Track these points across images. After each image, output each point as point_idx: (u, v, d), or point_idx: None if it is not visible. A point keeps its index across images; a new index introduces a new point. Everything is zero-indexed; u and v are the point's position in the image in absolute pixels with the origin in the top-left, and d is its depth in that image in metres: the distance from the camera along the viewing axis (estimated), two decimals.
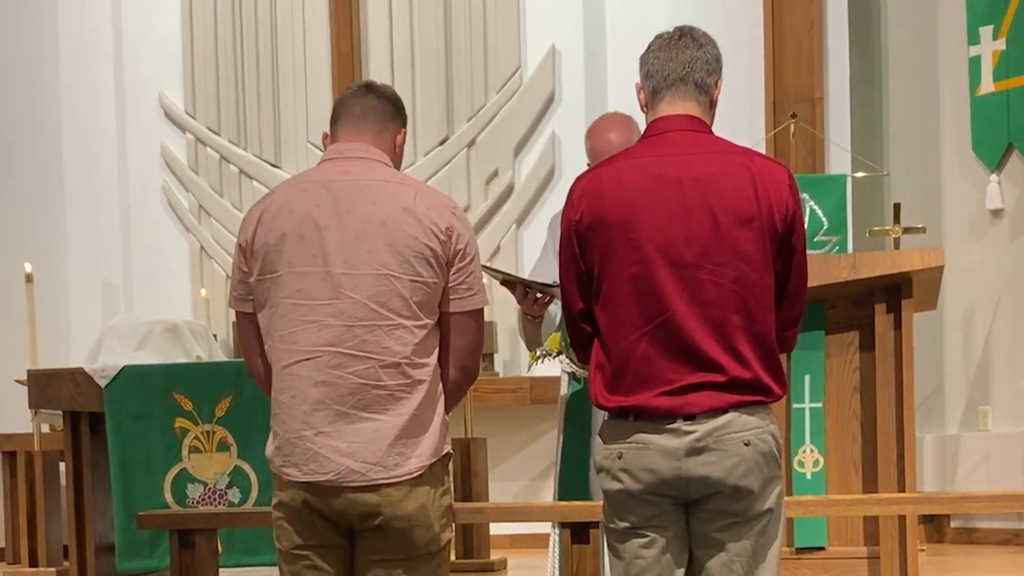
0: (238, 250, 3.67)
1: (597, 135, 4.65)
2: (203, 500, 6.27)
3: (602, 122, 4.74)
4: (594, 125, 4.72)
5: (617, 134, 4.62)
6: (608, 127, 4.67)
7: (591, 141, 4.67)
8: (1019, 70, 8.77)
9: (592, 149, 4.64)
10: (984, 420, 8.96)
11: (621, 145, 4.57)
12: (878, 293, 5.95)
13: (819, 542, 5.93)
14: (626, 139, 4.60)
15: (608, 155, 4.53)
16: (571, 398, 4.80)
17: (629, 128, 4.67)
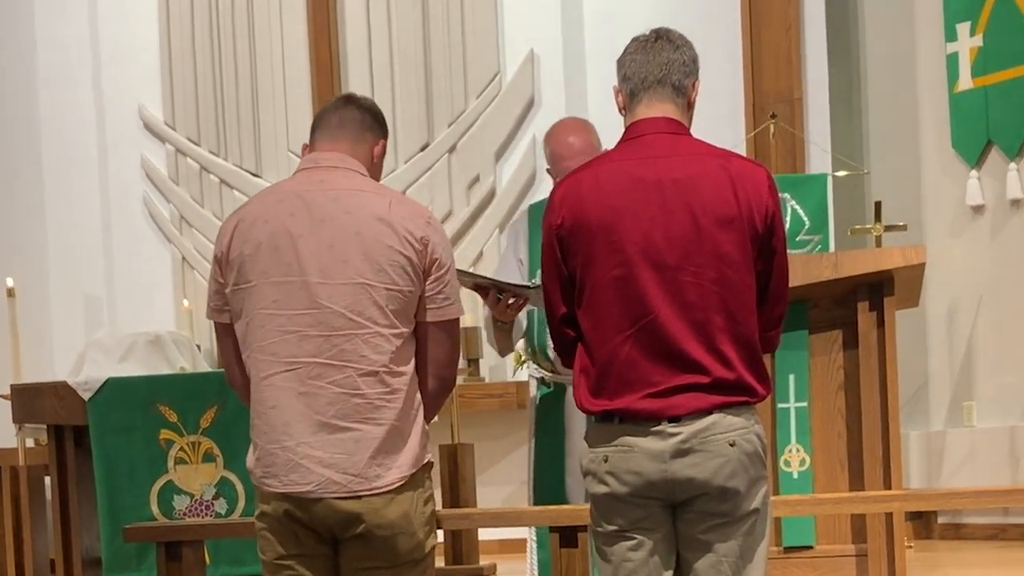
0: (214, 261, 3.67)
1: (557, 139, 4.66)
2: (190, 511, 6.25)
3: (561, 126, 4.75)
4: (553, 129, 4.74)
5: (576, 137, 4.63)
6: (567, 131, 4.68)
7: (551, 145, 4.68)
8: (997, 66, 8.80)
9: (552, 153, 4.65)
10: (969, 416, 8.98)
11: (581, 148, 4.59)
12: (861, 291, 5.97)
13: (807, 541, 5.93)
14: (586, 141, 4.62)
15: (569, 158, 4.57)
16: (540, 403, 4.81)
17: (588, 131, 4.69)
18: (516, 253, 4.76)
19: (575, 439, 4.70)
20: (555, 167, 4.67)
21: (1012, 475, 8.56)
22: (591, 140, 4.67)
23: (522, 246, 4.78)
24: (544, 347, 4.72)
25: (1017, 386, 8.70)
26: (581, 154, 4.60)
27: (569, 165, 4.59)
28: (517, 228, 4.84)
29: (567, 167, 4.59)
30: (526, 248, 4.77)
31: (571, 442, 4.72)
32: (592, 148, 4.64)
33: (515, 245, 4.79)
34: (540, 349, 4.75)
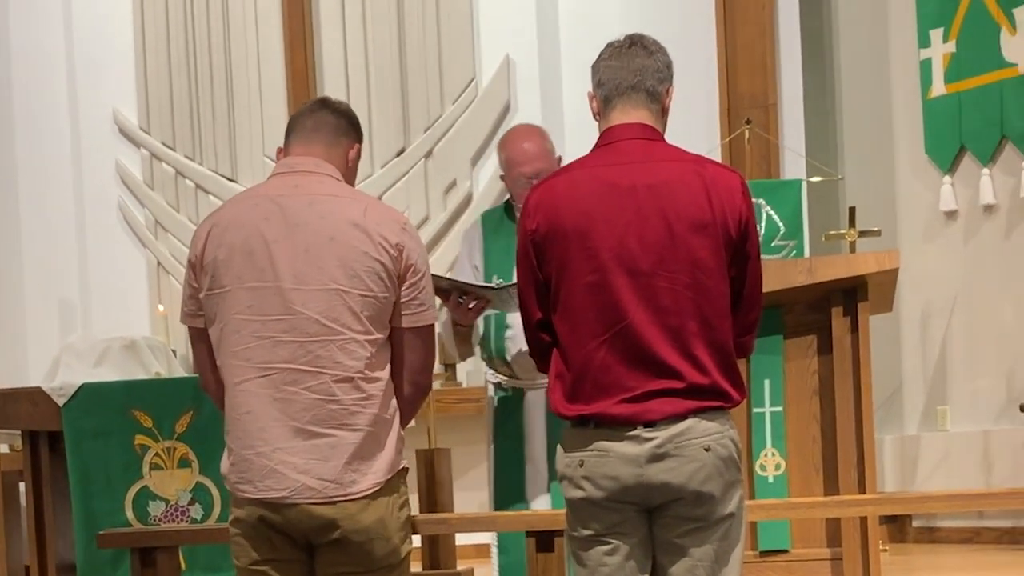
0: (188, 265, 3.65)
1: (512, 145, 4.68)
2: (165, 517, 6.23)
3: (515, 133, 4.77)
4: (507, 136, 4.75)
5: (531, 143, 4.65)
6: (522, 137, 4.70)
7: (506, 151, 4.68)
8: (970, 72, 8.85)
9: (507, 159, 4.66)
10: (943, 420, 9.02)
11: (537, 154, 4.60)
12: (835, 297, 5.99)
13: (782, 545, 5.96)
14: (540, 147, 4.63)
15: (524, 164, 4.59)
16: (498, 408, 4.80)
17: (543, 137, 4.70)
18: (471, 260, 4.75)
19: (535, 444, 4.71)
20: (510, 173, 4.68)
21: (986, 479, 8.60)
22: (546, 146, 4.68)
23: (477, 253, 4.78)
24: (502, 352, 4.72)
25: (990, 390, 8.75)
26: (536, 159, 4.61)
27: (524, 171, 4.61)
28: (471, 235, 4.84)
29: (522, 173, 4.61)
30: (481, 255, 4.78)
31: (530, 447, 4.72)
32: (547, 153, 4.65)
33: (470, 252, 4.78)
34: (497, 354, 4.74)
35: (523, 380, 4.74)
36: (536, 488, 4.71)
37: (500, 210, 4.85)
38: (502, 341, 4.71)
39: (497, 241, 4.77)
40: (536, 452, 4.72)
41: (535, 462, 4.71)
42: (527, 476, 4.73)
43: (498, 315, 4.68)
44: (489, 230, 4.80)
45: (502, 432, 4.78)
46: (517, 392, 4.77)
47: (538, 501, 4.69)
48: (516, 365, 4.72)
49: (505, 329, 4.72)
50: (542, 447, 4.71)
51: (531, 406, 4.74)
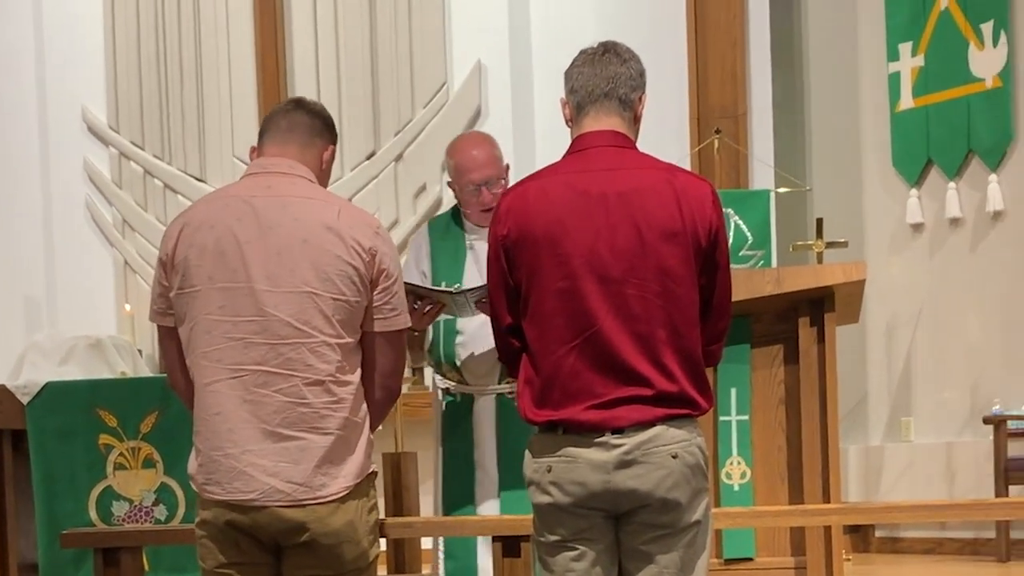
0: (159, 264, 3.63)
1: (461, 152, 4.68)
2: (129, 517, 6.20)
3: (464, 140, 4.77)
4: (456, 143, 4.75)
5: (480, 151, 4.65)
6: (471, 145, 4.70)
7: (455, 159, 4.68)
8: (937, 86, 8.91)
9: (456, 166, 4.66)
10: (907, 431, 9.07)
11: (484, 161, 4.61)
12: (802, 307, 6.02)
13: (747, 553, 5.97)
14: (489, 154, 4.64)
15: (473, 171, 4.60)
16: (447, 414, 4.80)
17: (491, 144, 4.71)
18: (419, 266, 4.74)
19: (484, 450, 4.70)
20: (458, 180, 4.68)
21: (948, 490, 8.65)
22: (494, 153, 4.69)
23: (424, 259, 4.78)
24: (451, 358, 4.72)
25: (954, 402, 8.80)
26: (485, 167, 4.61)
27: (473, 178, 4.61)
28: (419, 242, 4.83)
29: (471, 179, 4.61)
30: (428, 261, 4.77)
31: (480, 453, 4.72)
32: (496, 160, 4.66)
33: (417, 258, 4.78)
34: (447, 360, 4.74)
35: (472, 386, 4.74)
36: (485, 494, 4.70)
37: (447, 216, 4.86)
38: (452, 347, 4.71)
39: (444, 247, 4.77)
40: (486, 458, 4.72)
41: (485, 468, 4.71)
42: (477, 481, 4.72)
43: (448, 321, 4.68)
44: (436, 236, 4.80)
45: (451, 437, 4.77)
46: (466, 398, 4.76)
47: (487, 507, 4.69)
48: (466, 371, 4.71)
49: (455, 335, 4.72)
50: (492, 453, 4.71)
51: (481, 412, 4.73)
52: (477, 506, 4.69)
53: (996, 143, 8.62)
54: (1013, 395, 8.44)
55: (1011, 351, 8.53)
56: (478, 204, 4.66)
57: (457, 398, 4.77)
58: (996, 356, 8.60)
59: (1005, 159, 8.61)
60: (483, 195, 4.63)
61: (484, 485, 4.70)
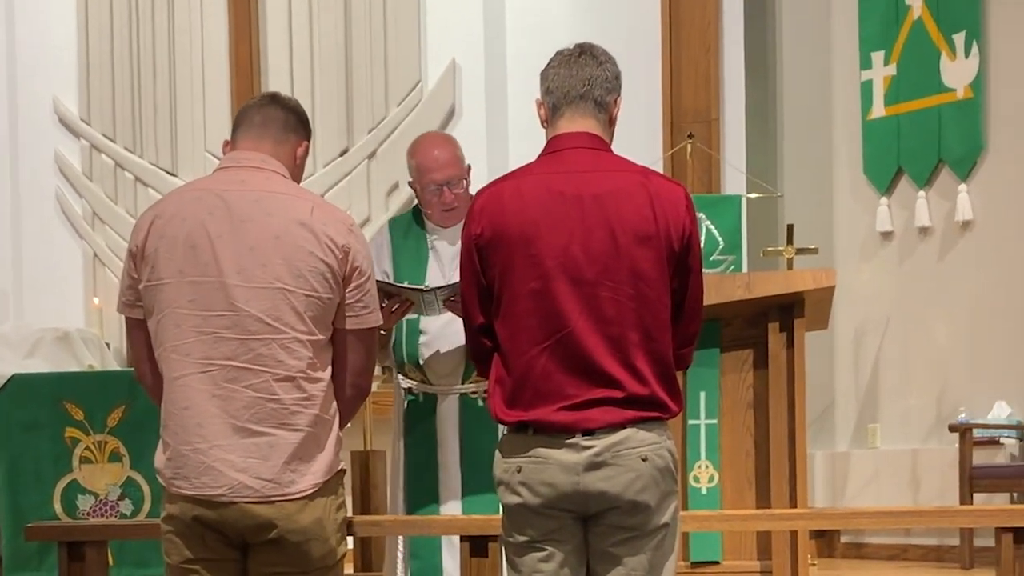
0: (128, 255, 3.60)
1: (423, 153, 4.68)
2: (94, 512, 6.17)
3: (426, 140, 4.77)
4: (417, 143, 4.75)
5: (441, 151, 4.65)
6: (432, 145, 4.70)
7: (416, 158, 4.68)
8: (909, 95, 8.96)
9: (418, 166, 4.66)
10: (873, 438, 9.12)
11: (446, 161, 4.61)
12: (772, 312, 6.04)
13: (714, 556, 5.99)
14: (451, 155, 4.64)
15: (435, 171, 4.60)
16: (409, 414, 4.79)
17: (453, 145, 4.72)
18: (380, 265, 4.73)
19: (447, 450, 4.70)
20: (420, 180, 4.68)
21: (914, 497, 8.70)
22: (456, 153, 4.69)
23: (385, 259, 4.77)
24: (414, 357, 4.71)
25: (920, 410, 8.85)
26: (447, 167, 4.62)
27: (434, 178, 4.61)
28: (380, 241, 4.82)
29: (432, 179, 4.61)
30: (390, 260, 4.77)
31: (443, 453, 4.71)
32: (457, 161, 4.66)
33: (378, 257, 4.77)
34: (410, 359, 4.73)
35: (435, 386, 4.73)
36: (449, 494, 4.70)
37: (409, 216, 4.85)
38: (415, 347, 4.71)
39: (406, 247, 4.77)
40: (449, 458, 4.71)
41: (448, 468, 4.70)
42: (440, 482, 4.72)
43: (411, 320, 4.67)
44: (398, 236, 4.79)
45: (413, 437, 4.76)
46: (429, 398, 4.75)
47: (450, 507, 4.68)
48: (428, 371, 4.71)
49: (419, 335, 4.71)
50: (455, 453, 4.71)
51: (444, 412, 4.72)
52: (441, 506, 4.68)
53: (966, 153, 8.68)
54: (979, 403, 8.49)
55: (977, 360, 8.59)
56: (439, 204, 4.66)
57: (420, 398, 4.76)
58: (962, 365, 8.65)
59: (975, 169, 8.66)
60: (444, 195, 4.63)
61: (448, 486, 4.69)
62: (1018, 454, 8.28)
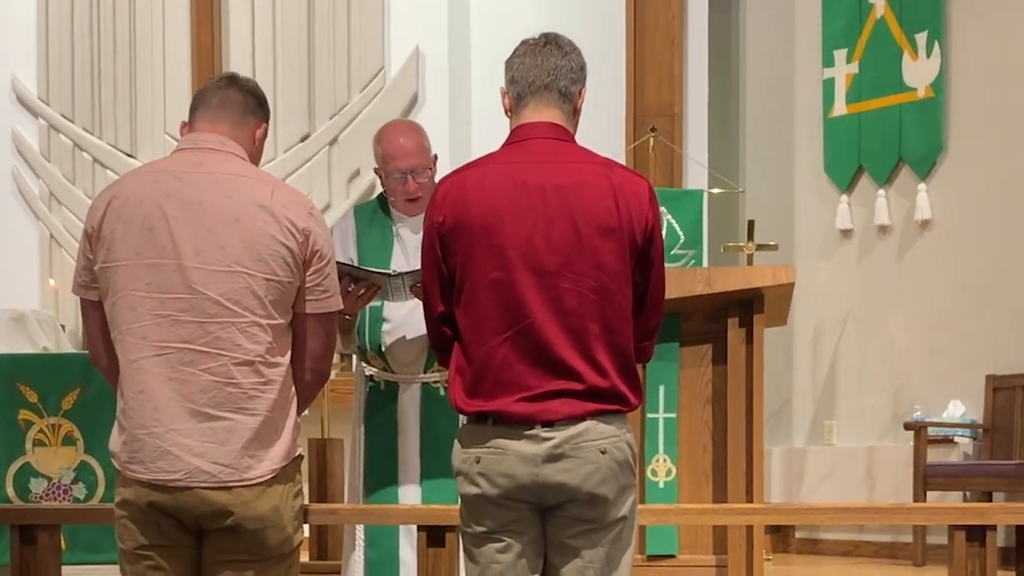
0: (84, 236, 3.56)
1: (389, 140, 4.67)
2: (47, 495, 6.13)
3: (391, 128, 4.76)
4: (383, 131, 4.74)
5: (407, 139, 4.64)
6: (398, 133, 4.70)
7: (382, 146, 4.67)
8: (871, 94, 9.00)
9: (384, 153, 4.65)
10: (829, 434, 9.17)
11: (412, 150, 4.61)
12: (731, 308, 6.04)
13: (670, 550, 6.00)
14: (417, 143, 4.64)
15: (400, 159, 4.59)
16: (370, 402, 4.78)
17: (419, 133, 4.71)
18: (345, 252, 4.71)
19: (408, 439, 4.69)
20: (385, 167, 4.67)
21: (868, 493, 8.75)
22: (423, 143, 4.68)
23: (351, 245, 4.75)
24: (377, 345, 4.70)
25: (876, 407, 8.90)
26: (412, 155, 4.61)
27: (400, 166, 4.60)
28: (343, 227, 4.81)
29: (397, 167, 4.60)
30: (355, 247, 4.75)
31: (404, 442, 4.70)
32: (424, 150, 4.65)
33: (343, 244, 4.75)
34: (373, 347, 4.72)
35: (397, 374, 4.72)
36: (408, 483, 4.69)
37: (374, 203, 4.84)
38: (378, 334, 4.69)
39: (371, 234, 4.75)
40: (409, 447, 4.70)
41: (408, 457, 4.69)
42: (399, 470, 4.71)
43: (375, 308, 4.66)
44: (363, 223, 4.78)
45: (373, 425, 4.75)
46: (390, 386, 4.74)
47: (409, 496, 4.67)
48: (391, 358, 4.69)
49: (382, 322, 4.69)
50: (415, 442, 4.70)
51: (406, 401, 4.71)
52: (400, 495, 4.67)
53: (926, 153, 8.73)
54: (934, 402, 8.55)
55: (934, 359, 8.64)
56: (403, 192, 4.64)
57: (381, 385, 4.75)
58: (919, 363, 8.71)
59: (934, 169, 8.72)
60: (408, 184, 4.62)
61: (407, 474, 4.68)
62: (972, 453, 8.35)
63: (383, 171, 4.68)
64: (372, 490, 4.71)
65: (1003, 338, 8.29)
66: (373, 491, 4.70)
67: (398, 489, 4.67)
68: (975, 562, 4.09)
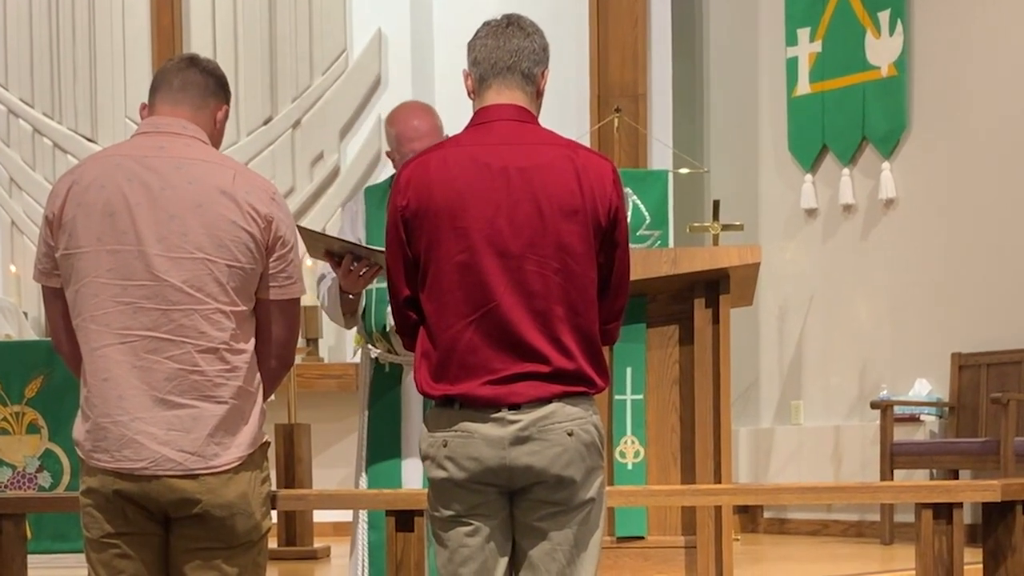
0: (44, 222, 3.53)
1: (402, 122, 4.65)
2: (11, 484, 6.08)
3: (405, 109, 4.74)
4: (397, 112, 4.72)
5: (421, 120, 4.63)
6: (412, 114, 4.67)
7: (396, 127, 4.65)
8: (834, 72, 9.01)
9: (398, 135, 4.63)
10: (796, 414, 9.20)
11: (427, 131, 4.58)
12: (697, 288, 6.04)
13: (639, 531, 6.00)
14: (431, 124, 4.61)
15: (414, 140, 4.56)
16: (375, 384, 4.77)
17: (432, 114, 4.69)
18: (354, 232, 4.71)
19: (412, 423, 4.68)
20: (399, 149, 4.65)
21: (835, 473, 8.79)
22: (435, 123, 4.67)
23: (360, 226, 4.75)
24: (382, 326, 4.69)
25: (842, 387, 8.94)
26: (426, 136, 4.59)
27: (415, 147, 4.57)
28: (353, 209, 4.81)
29: (412, 149, 4.57)
30: (363, 229, 4.74)
31: (408, 426, 4.70)
32: (436, 130, 4.64)
33: (352, 225, 4.74)
34: (377, 328, 4.71)
35: (401, 356, 4.70)
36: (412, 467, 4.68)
37: (385, 184, 4.82)
38: (382, 316, 4.68)
39: (380, 216, 4.73)
40: (412, 430, 4.69)
41: (411, 440, 4.69)
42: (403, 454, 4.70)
43: (380, 289, 4.64)
44: (372, 205, 4.77)
45: (377, 409, 4.74)
46: (395, 368, 4.74)
47: (411, 478, 4.66)
48: (395, 340, 4.68)
49: (386, 304, 4.68)
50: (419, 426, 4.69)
51: (409, 384, 4.70)
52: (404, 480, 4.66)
53: (890, 131, 8.75)
54: (900, 381, 8.59)
55: (899, 338, 8.68)
56: None
57: (386, 367, 4.74)
58: (884, 342, 8.74)
59: (898, 147, 8.74)
60: None
61: (410, 457, 4.67)
62: (938, 431, 8.39)
63: (396, 153, 4.66)
64: (375, 471, 4.70)
65: (968, 316, 8.33)
66: (376, 472, 4.70)
67: (401, 472, 4.67)
68: (942, 539, 4.11)
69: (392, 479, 4.65)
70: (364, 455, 4.76)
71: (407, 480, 4.64)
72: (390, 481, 4.65)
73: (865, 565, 7.01)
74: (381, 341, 4.72)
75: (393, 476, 4.66)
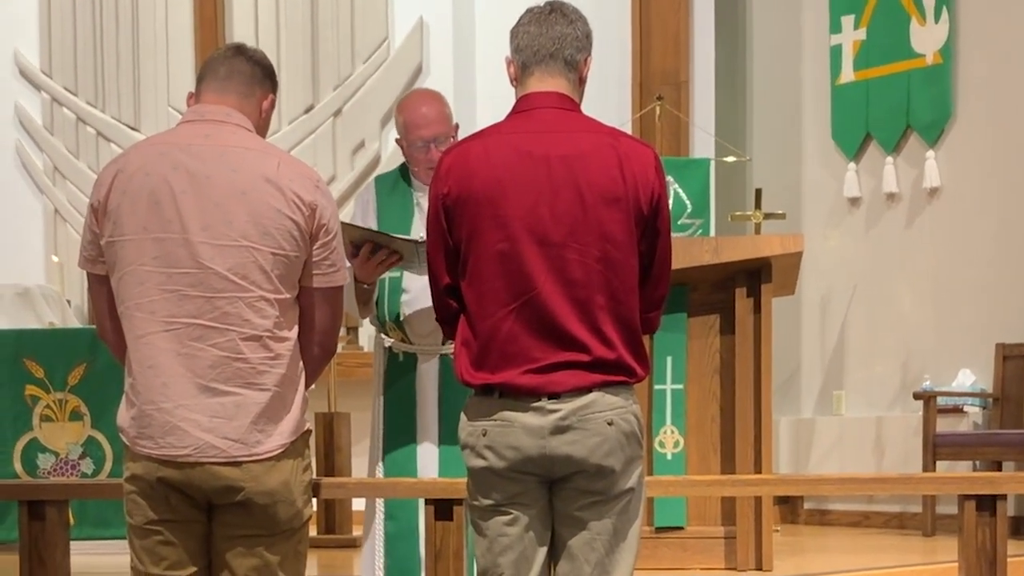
0: (90, 210, 3.54)
1: (411, 109, 4.64)
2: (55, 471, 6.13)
3: (414, 97, 4.73)
4: (406, 100, 4.71)
5: (429, 108, 4.62)
6: (421, 102, 4.67)
7: (404, 115, 4.65)
8: (878, 60, 8.95)
9: (406, 123, 4.63)
10: (838, 404, 9.16)
11: (435, 118, 4.58)
12: (739, 277, 6.03)
13: (678, 522, 6.00)
14: (440, 112, 4.61)
15: (423, 127, 4.57)
16: (389, 373, 4.76)
17: (441, 102, 4.68)
18: (366, 220, 4.71)
19: (427, 412, 4.67)
20: (407, 137, 4.65)
21: (877, 464, 8.74)
22: (444, 111, 4.66)
23: (371, 215, 4.74)
24: (396, 315, 4.68)
25: (885, 377, 8.88)
26: (434, 124, 4.58)
27: (423, 135, 4.58)
28: (365, 197, 4.80)
29: (420, 136, 4.58)
30: (375, 217, 4.74)
31: (423, 415, 4.69)
32: (446, 118, 4.63)
33: (364, 214, 4.74)
34: (391, 317, 4.71)
35: (415, 345, 4.70)
36: (426, 455, 4.68)
37: (396, 173, 4.82)
38: (396, 304, 4.68)
39: (392, 204, 4.74)
40: (427, 419, 4.69)
41: (426, 429, 4.68)
42: (418, 442, 4.70)
43: (393, 278, 4.64)
44: (383, 193, 4.76)
45: (392, 396, 4.74)
46: (409, 357, 4.73)
47: (426, 468, 4.66)
48: (409, 329, 4.68)
49: (401, 293, 4.68)
50: (434, 414, 4.68)
51: (424, 373, 4.70)
52: (419, 469, 4.66)
53: (934, 119, 8.68)
54: (943, 371, 8.53)
55: (942, 328, 8.62)
56: (426, 161, 4.62)
57: (400, 357, 4.73)
58: (927, 332, 8.69)
59: (943, 136, 8.68)
60: (431, 153, 4.59)
61: (425, 446, 4.67)
62: (981, 422, 8.33)
63: (405, 141, 4.66)
64: (391, 461, 4.70)
65: (1013, 306, 8.26)
66: (392, 461, 4.70)
67: (416, 462, 4.67)
68: (985, 531, 4.07)
69: (408, 468, 4.65)
70: (380, 444, 4.75)
71: (422, 469, 4.64)
72: (406, 470, 4.64)
73: (906, 557, 6.97)
74: (394, 330, 4.71)
75: (409, 465, 4.66)
